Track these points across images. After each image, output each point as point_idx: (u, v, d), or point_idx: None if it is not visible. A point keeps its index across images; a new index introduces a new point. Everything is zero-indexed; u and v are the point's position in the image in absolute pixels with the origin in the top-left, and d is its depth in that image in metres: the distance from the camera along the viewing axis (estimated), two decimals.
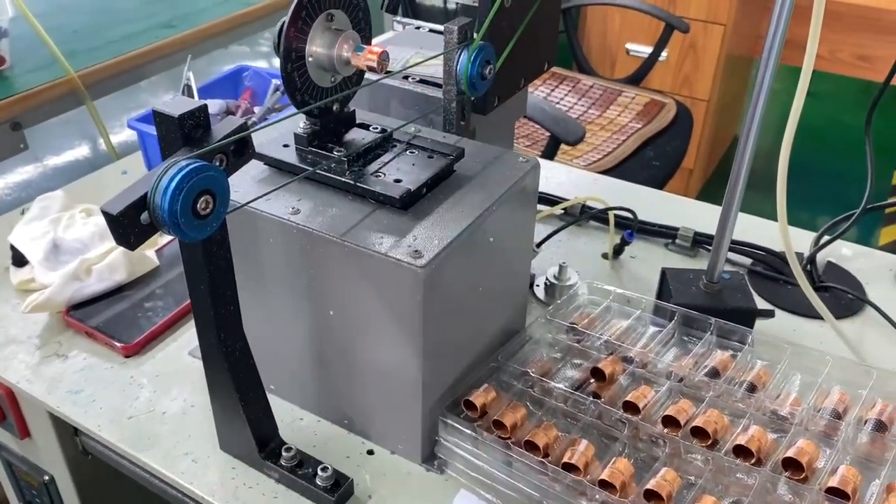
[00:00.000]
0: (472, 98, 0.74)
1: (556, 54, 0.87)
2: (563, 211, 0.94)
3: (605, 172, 1.60)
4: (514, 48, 0.76)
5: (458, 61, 0.67)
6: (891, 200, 0.90)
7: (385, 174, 0.61)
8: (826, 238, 0.88)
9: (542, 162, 1.12)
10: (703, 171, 2.47)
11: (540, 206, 0.94)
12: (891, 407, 0.60)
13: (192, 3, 1.54)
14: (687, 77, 2.30)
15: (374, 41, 0.67)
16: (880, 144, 3.06)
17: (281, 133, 0.64)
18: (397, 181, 0.60)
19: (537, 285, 0.83)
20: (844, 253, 0.89)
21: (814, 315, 0.77)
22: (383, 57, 0.58)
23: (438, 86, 0.74)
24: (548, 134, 1.47)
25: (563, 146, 1.54)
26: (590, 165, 1.61)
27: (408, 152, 0.65)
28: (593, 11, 2.37)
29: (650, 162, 1.68)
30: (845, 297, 0.82)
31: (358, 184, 0.59)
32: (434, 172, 0.61)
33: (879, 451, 0.57)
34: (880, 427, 0.58)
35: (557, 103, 1.88)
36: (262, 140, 0.63)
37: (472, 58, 0.66)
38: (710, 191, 2.52)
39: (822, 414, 0.60)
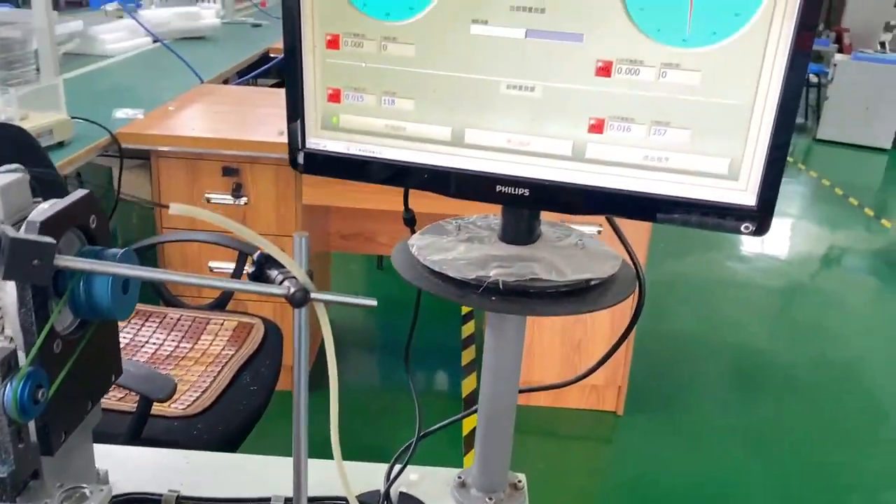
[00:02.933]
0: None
1: (121, 365, 0.90)
2: None
3: (207, 410, 1.63)
4: (77, 375, 0.78)
5: (3, 394, 0.67)
6: (439, 425, 1.09)
7: None
8: (398, 467, 1.03)
9: (126, 451, 1.09)
10: None
11: None
12: None
13: None
14: None
15: None
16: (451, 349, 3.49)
17: None
18: None
19: None
20: (412, 478, 1.05)
21: None
22: None
23: None
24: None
25: None
26: (189, 406, 1.63)
27: None
28: None
29: (248, 388, 1.76)
30: None
31: None
32: None
33: None
34: None
35: (145, 344, 1.87)
36: None
37: (20, 388, 0.66)
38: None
39: None
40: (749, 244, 4.34)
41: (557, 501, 2.21)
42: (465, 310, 3.32)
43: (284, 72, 0.86)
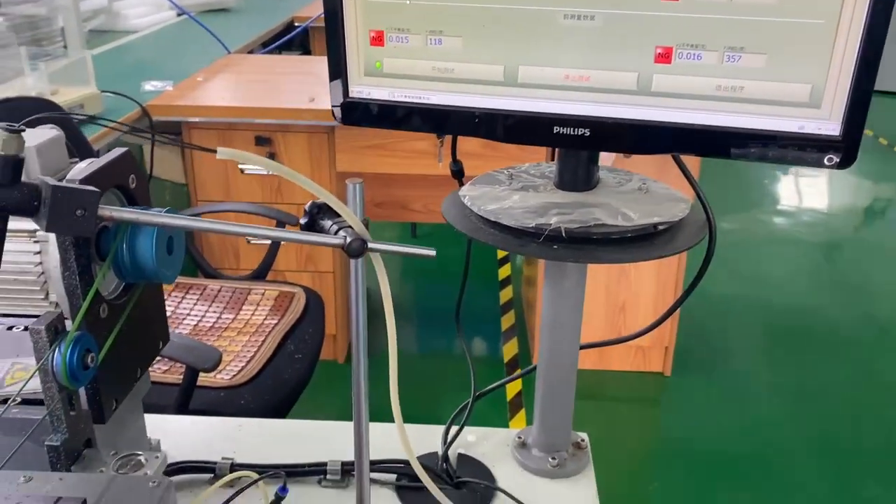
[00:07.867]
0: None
1: (168, 331, 0.88)
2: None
3: (253, 379, 1.61)
4: (124, 341, 0.75)
5: (52, 360, 0.65)
6: (495, 384, 1.05)
7: None
8: (454, 429, 0.99)
9: (178, 420, 1.05)
10: (344, 336, 2.61)
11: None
12: None
13: None
14: (309, 254, 2.45)
15: None
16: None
17: None
18: None
19: None
20: (470, 440, 1.02)
21: None
22: None
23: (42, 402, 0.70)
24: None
25: None
26: (235, 377, 1.61)
27: None
28: None
29: (293, 356, 1.74)
30: (479, 487, 0.92)
31: None
32: None
33: None
34: None
35: (187, 316, 1.86)
36: None
37: (69, 352, 0.64)
38: None
39: None
40: (789, 199, 4.21)
41: (609, 463, 2.17)
42: (502, 274, 3.28)
43: (325, 18, 0.81)
